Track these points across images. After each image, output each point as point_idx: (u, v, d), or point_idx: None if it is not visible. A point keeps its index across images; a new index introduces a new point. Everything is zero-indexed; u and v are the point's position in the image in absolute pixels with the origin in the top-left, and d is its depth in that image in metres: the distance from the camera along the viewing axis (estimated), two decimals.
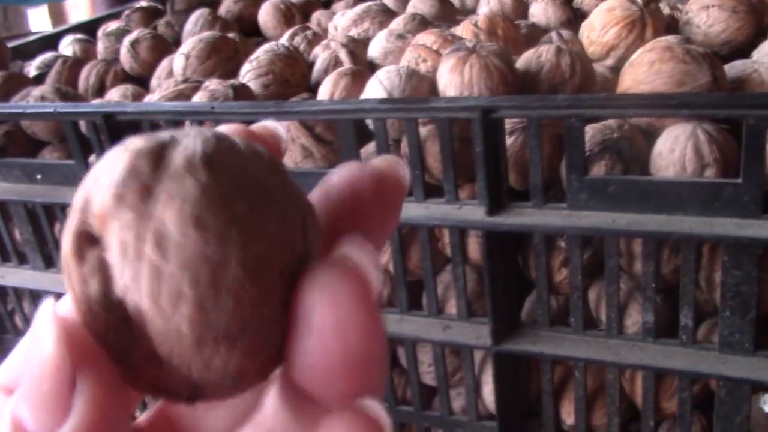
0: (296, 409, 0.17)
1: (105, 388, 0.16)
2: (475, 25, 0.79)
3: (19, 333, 0.93)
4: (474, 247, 0.66)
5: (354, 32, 0.89)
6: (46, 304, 0.16)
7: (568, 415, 0.68)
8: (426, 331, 0.67)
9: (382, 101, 0.63)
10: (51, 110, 0.74)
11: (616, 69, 0.75)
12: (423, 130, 0.64)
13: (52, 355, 0.15)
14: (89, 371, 0.16)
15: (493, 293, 0.63)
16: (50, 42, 1.10)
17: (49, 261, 0.84)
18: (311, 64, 0.84)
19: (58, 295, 0.72)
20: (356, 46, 0.83)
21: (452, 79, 0.65)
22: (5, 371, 0.19)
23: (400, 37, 0.81)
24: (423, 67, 0.71)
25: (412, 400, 0.73)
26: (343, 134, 0.63)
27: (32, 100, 0.83)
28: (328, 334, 0.16)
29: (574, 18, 0.89)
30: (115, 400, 0.16)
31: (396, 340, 0.71)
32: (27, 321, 0.91)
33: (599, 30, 0.76)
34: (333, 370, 0.16)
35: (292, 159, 0.69)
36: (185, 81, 0.75)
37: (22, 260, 0.87)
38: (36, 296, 0.88)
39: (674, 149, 0.57)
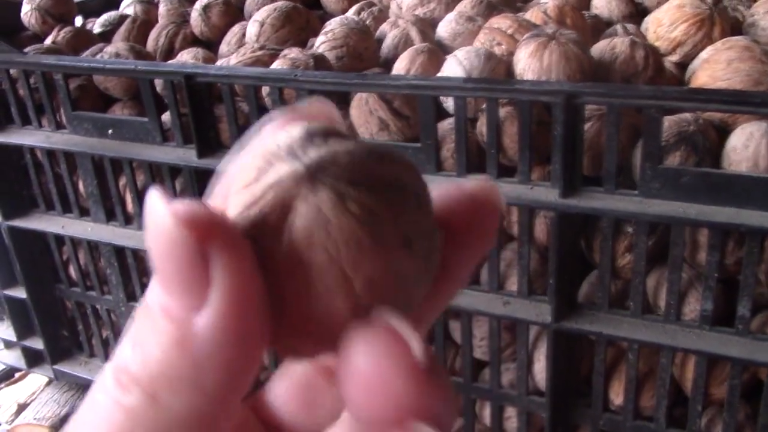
0: None
1: (240, 262, 0.15)
2: (545, 12, 0.81)
3: (73, 283, 0.95)
4: (540, 228, 0.69)
5: (420, 11, 0.90)
6: (153, 192, 0.15)
7: (617, 395, 0.70)
8: (486, 306, 0.70)
9: (466, 80, 0.65)
10: (132, 67, 0.76)
11: (682, 65, 0.78)
12: (501, 111, 0.66)
13: (170, 229, 0.14)
14: (222, 245, 0.15)
15: (558, 273, 0.65)
16: (112, 1, 1.12)
17: (111, 214, 0.87)
18: (378, 41, 0.86)
19: (116, 248, 0.76)
20: (424, 25, 0.85)
21: (531, 64, 0.67)
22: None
23: (470, 19, 0.82)
24: (497, 50, 0.73)
25: (461, 372, 0.76)
26: (422, 110, 0.65)
27: (107, 57, 0.84)
28: (369, 391, 0.16)
29: (636, 12, 0.90)
30: (254, 277, 0.15)
31: (454, 313, 0.74)
32: (81, 272, 0.93)
33: (668, 26, 0.77)
34: (377, 421, 0.16)
35: (368, 131, 0.71)
36: (262, 48, 0.77)
37: (83, 212, 0.89)
38: (93, 248, 0.90)
39: (748, 145, 0.59)
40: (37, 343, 1.01)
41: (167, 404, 0.15)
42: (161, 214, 0.15)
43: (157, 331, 0.15)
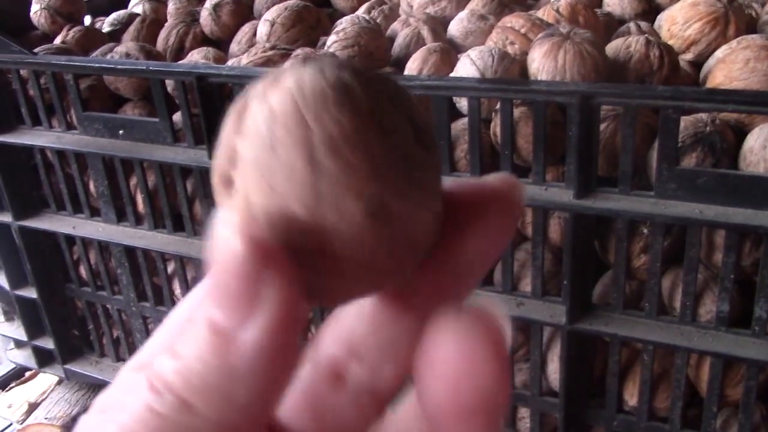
0: None
1: (290, 286, 0.16)
2: (557, 11, 0.81)
3: (83, 283, 0.95)
4: (554, 228, 0.68)
5: (431, 10, 0.90)
6: (225, 214, 0.16)
7: (631, 396, 0.70)
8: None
9: (480, 80, 0.65)
10: (143, 68, 0.75)
11: (696, 64, 0.77)
12: (515, 112, 0.65)
13: (239, 251, 0.15)
14: (275, 268, 0.16)
15: (572, 274, 0.65)
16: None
17: (122, 214, 0.86)
18: (389, 39, 0.85)
19: (127, 249, 0.77)
20: (435, 24, 0.84)
21: (545, 64, 0.67)
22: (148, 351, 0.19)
23: (482, 17, 0.82)
24: (510, 50, 0.73)
25: None
26: (436, 110, 0.65)
27: (117, 57, 0.84)
28: (457, 377, 0.16)
29: (649, 10, 0.90)
30: (300, 300, 0.16)
31: None
32: (92, 272, 0.93)
33: (682, 24, 0.77)
34: (459, 411, 0.16)
35: None
36: (273, 47, 0.76)
37: (94, 212, 0.89)
38: (104, 248, 0.90)
39: (766, 146, 0.59)
40: (48, 343, 1.01)
41: (199, 413, 0.16)
42: (230, 233, 0.16)
43: (199, 342, 0.16)
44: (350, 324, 0.19)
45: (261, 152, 0.16)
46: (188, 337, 0.16)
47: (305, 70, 0.16)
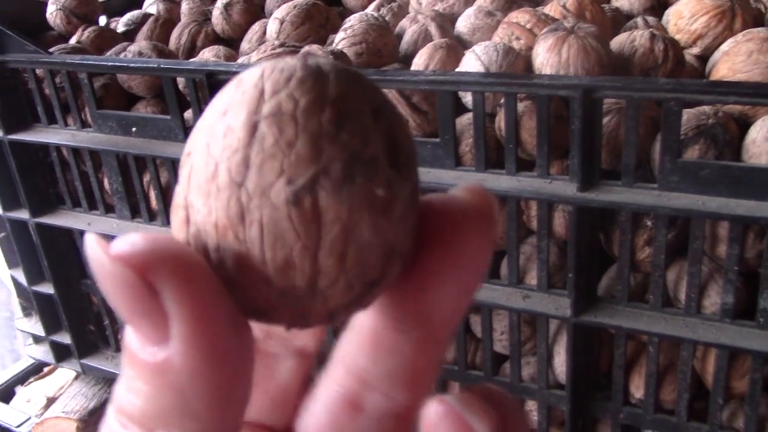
0: None
1: (192, 284, 0.15)
2: (564, 6, 0.81)
3: None
4: (559, 222, 0.69)
5: (439, 7, 0.91)
6: (88, 237, 0.15)
7: (637, 389, 0.70)
8: (506, 300, 0.70)
9: (484, 75, 0.66)
10: (154, 66, 0.77)
11: (703, 58, 0.77)
12: (519, 106, 0.66)
13: (110, 271, 0.14)
14: (168, 271, 0.14)
15: (577, 266, 0.65)
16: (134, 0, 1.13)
17: (136, 211, 0.88)
18: (398, 36, 0.86)
19: None
20: (443, 21, 0.85)
21: (549, 58, 0.67)
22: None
23: (489, 14, 0.83)
24: (516, 45, 0.74)
25: (482, 366, 0.76)
26: (441, 105, 0.66)
27: (130, 56, 0.86)
28: None
29: (657, 5, 0.90)
30: (211, 292, 0.15)
31: (474, 307, 0.74)
32: None
33: (688, 18, 0.77)
34: None
35: None
36: (282, 45, 0.77)
37: (109, 209, 0.91)
38: None
39: None
40: (65, 338, 1.02)
41: None
42: (99, 257, 0.15)
43: (138, 368, 0.16)
44: (353, 356, 0.19)
45: (213, 117, 0.16)
46: (130, 367, 0.16)
47: (295, 57, 0.16)
